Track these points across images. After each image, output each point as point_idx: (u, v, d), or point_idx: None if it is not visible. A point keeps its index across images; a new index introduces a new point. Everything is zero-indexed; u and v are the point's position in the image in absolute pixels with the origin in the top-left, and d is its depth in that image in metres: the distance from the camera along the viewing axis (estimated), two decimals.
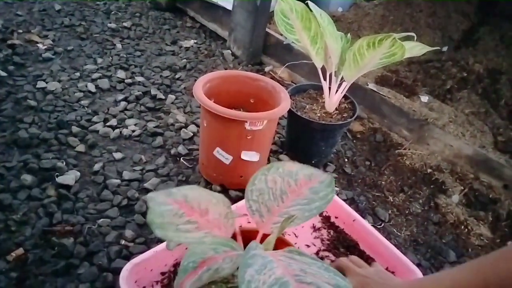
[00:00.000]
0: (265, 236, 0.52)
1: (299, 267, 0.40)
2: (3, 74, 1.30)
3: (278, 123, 1.34)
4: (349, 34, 1.13)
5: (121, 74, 1.45)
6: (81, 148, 1.09)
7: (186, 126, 1.26)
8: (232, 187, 1.05)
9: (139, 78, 1.46)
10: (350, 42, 1.12)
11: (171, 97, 1.39)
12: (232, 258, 0.43)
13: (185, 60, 1.64)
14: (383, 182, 1.22)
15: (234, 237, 0.52)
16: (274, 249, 0.49)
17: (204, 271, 0.41)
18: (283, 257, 0.42)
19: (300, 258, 0.43)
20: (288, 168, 0.57)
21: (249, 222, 0.82)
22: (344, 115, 1.16)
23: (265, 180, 0.55)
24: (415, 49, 1.08)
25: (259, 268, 0.38)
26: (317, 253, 0.85)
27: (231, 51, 1.77)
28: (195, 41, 1.82)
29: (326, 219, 0.95)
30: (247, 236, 0.54)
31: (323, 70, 1.13)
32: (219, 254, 0.43)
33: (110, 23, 1.81)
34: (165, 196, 0.49)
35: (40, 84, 1.30)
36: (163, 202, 0.48)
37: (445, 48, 1.81)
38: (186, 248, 0.73)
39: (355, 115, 1.14)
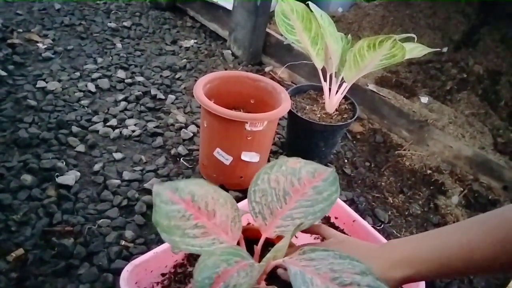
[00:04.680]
0: (267, 239, 0.50)
1: (326, 266, 0.40)
2: (3, 73, 1.30)
3: (278, 124, 1.34)
4: (349, 35, 1.13)
5: (121, 73, 1.45)
6: (81, 148, 1.09)
7: (186, 126, 1.26)
8: (232, 187, 1.05)
9: (139, 78, 1.46)
10: (350, 43, 1.12)
11: (171, 97, 1.39)
12: (246, 270, 0.40)
13: (185, 60, 1.64)
14: (382, 183, 1.23)
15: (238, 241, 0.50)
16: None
17: None
18: (304, 261, 0.41)
19: (315, 255, 0.42)
20: (291, 165, 0.54)
21: (248, 223, 0.82)
22: (344, 116, 1.16)
23: (268, 180, 0.53)
24: (415, 50, 1.08)
25: None
26: None
27: (231, 51, 1.76)
28: (195, 41, 1.82)
29: (326, 220, 0.95)
30: (248, 236, 0.53)
31: (324, 71, 1.13)
32: (232, 266, 0.40)
33: (110, 22, 1.81)
34: (171, 192, 0.47)
35: (40, 83, 1.30)
36: (169, 200, 0.46)
37: (445, 49, 1.81)
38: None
39: (355, 116, 1.14)
